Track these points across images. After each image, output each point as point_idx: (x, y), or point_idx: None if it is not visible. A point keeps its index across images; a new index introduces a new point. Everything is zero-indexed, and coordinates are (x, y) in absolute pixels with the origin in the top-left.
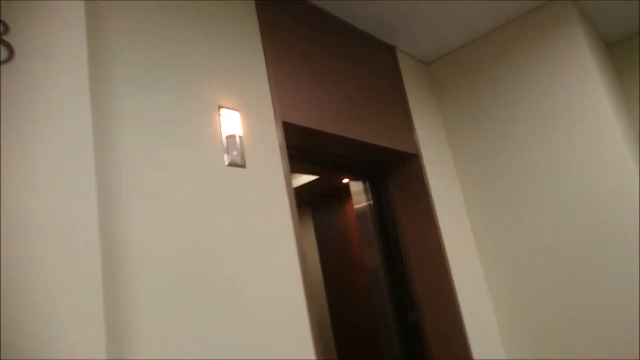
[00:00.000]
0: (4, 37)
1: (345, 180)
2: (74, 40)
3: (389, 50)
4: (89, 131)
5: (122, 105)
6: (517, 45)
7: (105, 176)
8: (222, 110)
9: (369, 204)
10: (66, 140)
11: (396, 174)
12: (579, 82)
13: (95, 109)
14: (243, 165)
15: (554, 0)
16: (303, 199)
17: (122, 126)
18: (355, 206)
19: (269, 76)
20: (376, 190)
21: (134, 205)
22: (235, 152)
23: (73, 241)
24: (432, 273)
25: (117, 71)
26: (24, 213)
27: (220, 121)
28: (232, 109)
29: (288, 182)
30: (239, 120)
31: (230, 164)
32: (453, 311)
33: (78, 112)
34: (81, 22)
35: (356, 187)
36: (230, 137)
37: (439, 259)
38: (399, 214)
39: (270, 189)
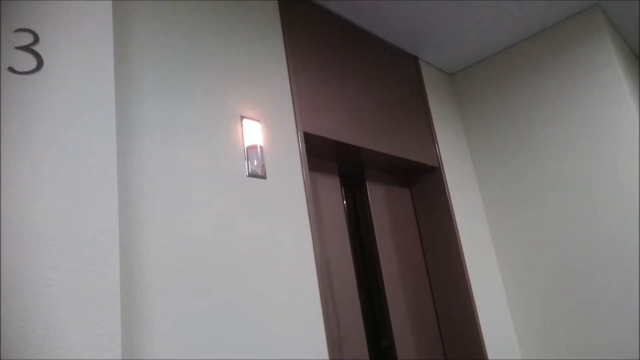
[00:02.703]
0: (34, 47)
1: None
2: (101, 51)
3: (412, 61)
4: (113, 142)
5: (145, 115)
6: (544, 57)
7: (127, 185)
8: (244, 120)
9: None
10: (91, 150)
11: (417, 185)
12: (606, 93)
13: (120, 118)
14: (263, 176)
15: (582, 12)
16: None
17: (145, 136)
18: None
19: (291, 86)
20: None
21: (155, 214)
22: (256, 163)
23: (93, 251)
24: (452, 285)
25: (141, 81)
26: (46, 223)
27: (242, 131)
28: (254, 119)
29: (308, 193)
30: (260, 131)
31: (251, 175)
32: (470, 319)
33: (103, 124)
34: (108, 33)
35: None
36: (252, 148)
37: (459, 271)
38: (419, 225)
39: (290, 199)
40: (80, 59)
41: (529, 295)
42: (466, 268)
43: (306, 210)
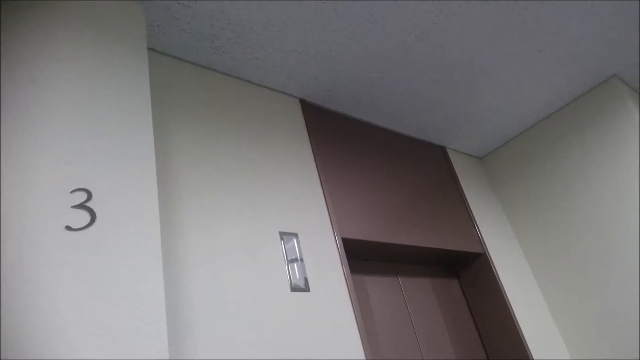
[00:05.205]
0: (87, 204)
1: None
2: (147, 199)
3: (440, 150)
4: (161, 286)
5: (188, 245)
6: (571, 130)
7: (176, 324)
8: (282, 235)
9: None
10: (139, 294)
11: (464, 274)
12: (635, 158)
13: (165, 252)
14: (307, 289)
15: (601, 84)
16: None
17: (191, 267)
18: None
19: (324, 194)
20: None
21: (205, 342)
22: (298, 276)
23: None
24: None
25: (183, 213)
26: None
27: (281, 246)
28: (292, 233)
29: (353, 299)
30: (300, 243)
31: (294, 289)
32: None
33: (150, 267)
34: (153, 179)
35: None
36: (292, 262)
37: (520, 350)
38: (473, 314)
39: (336, 308)
40: (128, 205)
41: None
42: (527, 345)
43: (353, 316)
